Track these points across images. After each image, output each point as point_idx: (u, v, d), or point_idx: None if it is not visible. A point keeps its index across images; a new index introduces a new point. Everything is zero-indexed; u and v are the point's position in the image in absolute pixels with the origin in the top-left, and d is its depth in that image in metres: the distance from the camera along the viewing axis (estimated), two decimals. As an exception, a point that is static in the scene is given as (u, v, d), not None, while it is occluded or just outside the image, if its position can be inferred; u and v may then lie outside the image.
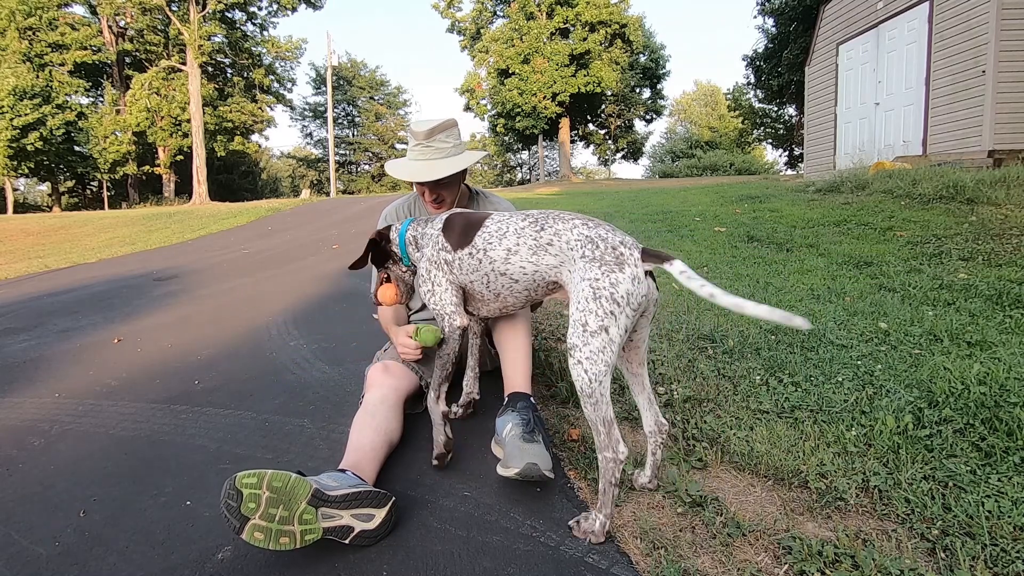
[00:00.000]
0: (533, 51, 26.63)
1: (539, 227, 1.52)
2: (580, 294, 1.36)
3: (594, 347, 1.31)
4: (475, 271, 1.62)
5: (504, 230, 1.58)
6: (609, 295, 1.32)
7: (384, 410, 1.75)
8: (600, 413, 1.33)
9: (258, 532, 1.25)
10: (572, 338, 1.34)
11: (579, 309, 1.34)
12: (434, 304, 1.70)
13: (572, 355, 1.34)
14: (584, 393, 1.33)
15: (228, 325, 3.72)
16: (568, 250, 1.44)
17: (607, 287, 1.33)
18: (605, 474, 1.35)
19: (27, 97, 21.24)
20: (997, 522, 1.29)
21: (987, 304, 2.88)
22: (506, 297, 1.64)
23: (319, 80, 38.83)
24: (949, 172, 6.16)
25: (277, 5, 26.24)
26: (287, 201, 19.25)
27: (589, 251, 1.39)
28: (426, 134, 1.93)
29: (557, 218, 1.52)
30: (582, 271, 1.38)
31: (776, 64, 19.45)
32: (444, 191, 2.00)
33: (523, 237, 1.53)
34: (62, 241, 12.21)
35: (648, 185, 17.74)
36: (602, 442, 1.34)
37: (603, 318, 1.31)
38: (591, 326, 1.32)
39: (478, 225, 1.64)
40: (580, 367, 1.32)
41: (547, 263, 1.50)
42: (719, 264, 4.28)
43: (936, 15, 8.42)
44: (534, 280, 1.56)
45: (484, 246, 1.59)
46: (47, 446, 2.04)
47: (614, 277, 1.33)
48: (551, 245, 1.48)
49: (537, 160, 38.90)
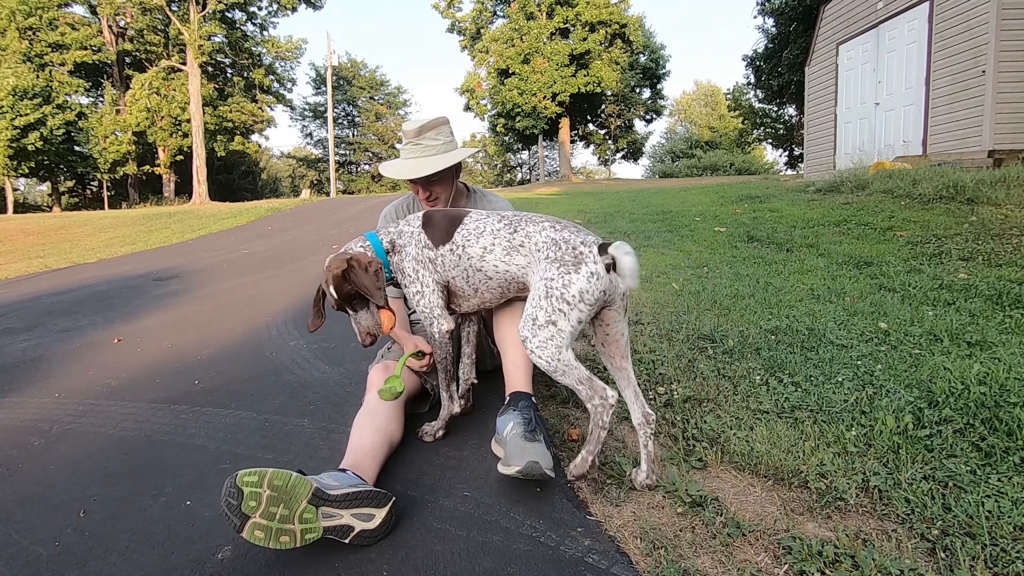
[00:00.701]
0: (533, 51, 26.63)
1: (512, 229, 1.60)
2: (535, 291, 1.47)
3: (542, 338, 1.44)
4: (455, 267, 1.67)
5: (481, 229, 1.65)
6: (560, 295, 1.43)
7: (385, 410, 1.75)
8: (572, 377, 1.45)
9: (259, 531, 1.25)
10: (523, 330, 1.47)
11: (532, 305, 1.46)
12: (423, 308, 1.72)
13: (526, 345, 1.47)
14: (550, 371, 1.46)
15: (228, 325, 3.72)
16: (536, 251, 1.54)
17: (559, 287, 1.43)
18: (594, 416, 1.46)
19: (27, 97, 21.24)
20: (997, 522, 1.29)
21: (987, 304, 2.88)
22: (483, 293, 1.71)
23: (319, 80, 38.85)
24: (949, 172, 6.16)
25: (277, 5, 26.25)
26: (287, 201, 19.25)
27: (553, 252, 1.50)
28: (415, 132, 1.98)
29: (529, 220, 1.60)
30: (542, 271, 1.49)
31: (776, 64, 19.45)
32: (437, 188, 2.02)
33: (498, 238, 1.62)
34: (62, 241, 12.21)
35: (648, 185, 17.75)
36: (586, 395, 1.45)
37: (551, 314, 1.43)
38: (540, 320, 1.44)
39: (458, 222, 1.69)
40: (534, 355, 1.46)
41: (517, 263, 1.60)
42: (719, 264, 4.28)
43: (936, 15, 8.42)
44: (506, 279, 1.65)
45: (463, 242, 1.65)
46: (47, 446, 2.04)
47: (568, 278, 1.43)
48: (522, 247, 1.58)
49: (537, 160, 38.91)
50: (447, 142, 2.02)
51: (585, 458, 1.48)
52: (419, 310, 1.72)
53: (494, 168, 46.18)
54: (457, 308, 1.79)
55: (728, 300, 3.25)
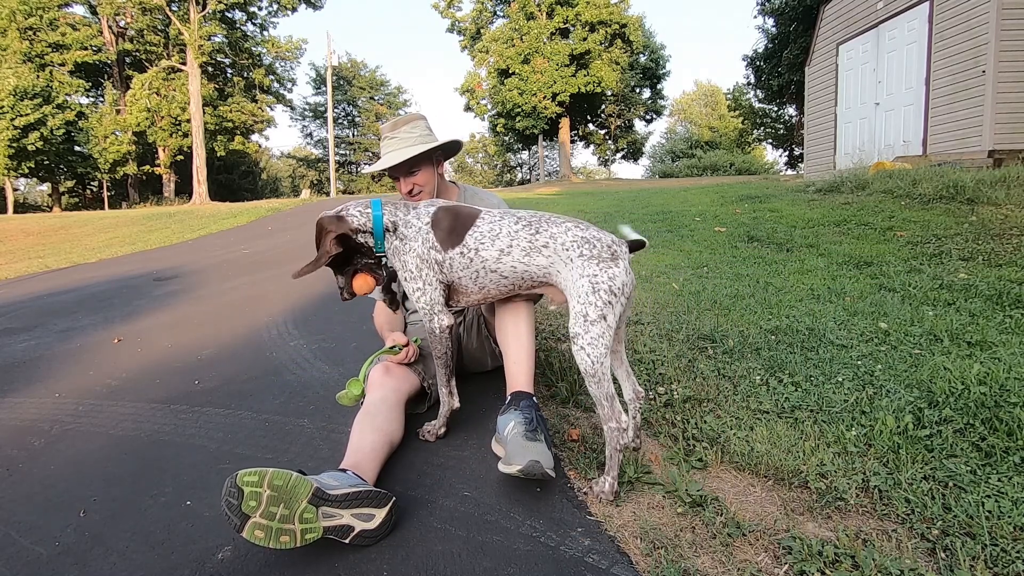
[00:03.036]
0: (533, 51, 26.64)
1: (533, 230, 1.60)
2: (580, 289, 1.49)
3: (594, 334, 1.46)
4: (465, 268, 1.67)
5: (497, 231, 1.63)
6: (607, 287, 1.48)
7: (385, 411, 1.75)
8: (603, 390, 1.49)
9: (259, 530, 1.25)
10: (574, 327, 1.48)
11: (580, 302, 1.48)
12: (423, 304, 1.71)
13: (575, 342, 1.48)
14: (588, 374, 1.48)
15: (228, 325, 3.72)
16: (563, 251, 1.56)
17: (605, 281, 1.48)
18: (611, 442, 1.50)
19: (28, 97, 21.26)
20: (997, 522, 1.29)
21: (987, 304, 2.88)
22: (490, 290, 1.71)
23: (319, 80, 38.85)
24: (949, 172, 6.15)
25: (277, 5, 26.25)
26: (287, 201, 19.24)
27: (587, 250, 1.53)
28: (390, 126, 2.04)
29: (549, 221, 1.61)
30: (580, 269, 1.51)
31: (776, 64, 19.46)
32: (418, 180, 2.04)
33: (516, 239, 1.61)
34: (62, 241, 12.21)
35: (648, 185, 17.75)
36: (606, 415, 1.50)
37: (601, 308, 1.47)
38: (591, 316, 1.46)
39: (469, 223, 1.67)
40: (583, 352, 1.47)
41: (538, 263, 1.60)
42: (719, 264, 4.28)
43: (936, 15, 8.42)
44: (522, 278, 1.66)
45: (476, 246, 1.64)
46: (47, 446, 2.04)
47: (611, 272, 1.49)
48: (546, 247, 1.58)
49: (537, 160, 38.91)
50: (423, 135, 2.04)
51: (612, 484, 1.52)
52: (419, 306, 1.72)
53: (494, 168, 46.14)
54: (455, 304, 1.79)
55: (728, 300, 3.25)
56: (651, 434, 1.84)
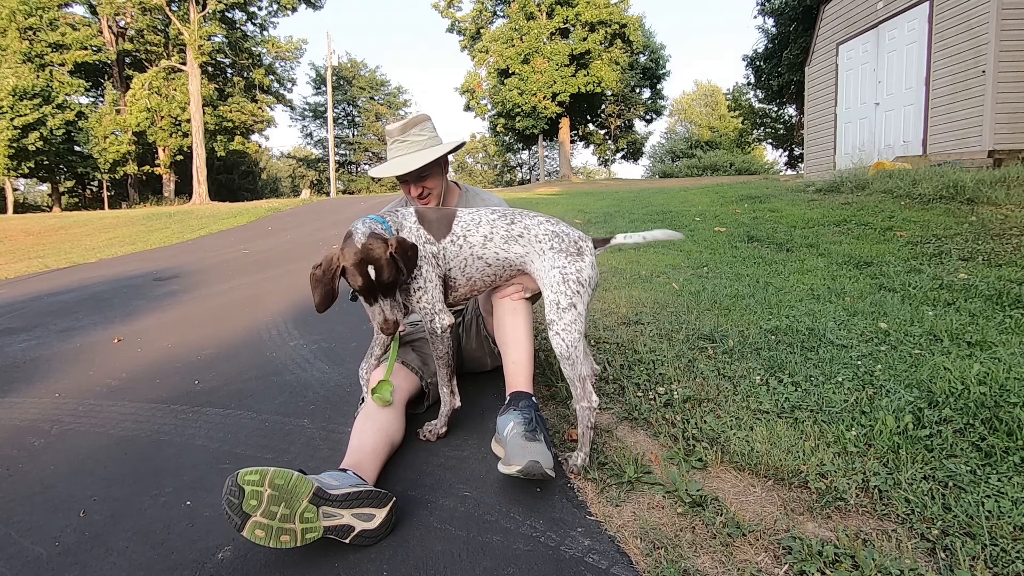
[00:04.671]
0: (533, 51, 26.63)
1: (509, 220, 1.73)
2: (551, 279, 1.63)
3: (567, 320, 1.59)
4: (456, 257, 1.74)
5: (478, 220, 1.74)
6: (576, 279, 1.62)
7: (385, 411, 1.75)
8: (576, 371, 1.61)
9: (259, 530, 1.25)
10: (549, 314, 1.62)
11: (552, 291, 1.62)
12: (425, 304, 1.72)
13: (551, 328, 1.61)
14: (563, 356, 1.61)
15: (228, 325, 3.72)
16: (536, 242, 1.69)
17: (573, 273, 1.62)
18: (583, 420, 1.63)
19: (27, 97, 21.26)
20: (997, 522, 1.29)
21: (987, 304, 2.88)
22: (476, 281, 1.78)
23: (319, 80, 38.86)
24: (949, 172, 6.16)
25: (277, 5, 26.26)
26: (287, 201, 19.25)
27: (556, 244, 1.66)
28: (400, 130, 2.04)
29: (523, 214, 1.75)
30: (551, 260, 1.65)
31: (776, 64, 19.46)
32: (429, 183, 2.05)
33: (496, 227, 1.72)
34: (62, 241, 12.21)
35: (648, 185, 17.75)
36: (578, 395, 1.63)
37: (571, 297, 1.61)
38: (562, 304, 1.60)
39: (452, 215, 1.77)
40: (558, 337, 1.60)
41: (515, 252, 1.72)
42: (719, 264, 4.28)
43: (936, 15, 8.42)
44: (503, 266, 1.75)
45: (463, 233, 1.74)
46: (47, 446, 2.04)
47: (578, 265, 1.63)
48: (521, 237, 1.70)
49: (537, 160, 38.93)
50: (431, 137, 2.07)
51: (584, 458, 1.65)
52: (421, 307, 1.73)
53: (494, 168, 46.13)
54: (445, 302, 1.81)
55: (728, 300, 3.25)
56: (651, 434, 1.84)
